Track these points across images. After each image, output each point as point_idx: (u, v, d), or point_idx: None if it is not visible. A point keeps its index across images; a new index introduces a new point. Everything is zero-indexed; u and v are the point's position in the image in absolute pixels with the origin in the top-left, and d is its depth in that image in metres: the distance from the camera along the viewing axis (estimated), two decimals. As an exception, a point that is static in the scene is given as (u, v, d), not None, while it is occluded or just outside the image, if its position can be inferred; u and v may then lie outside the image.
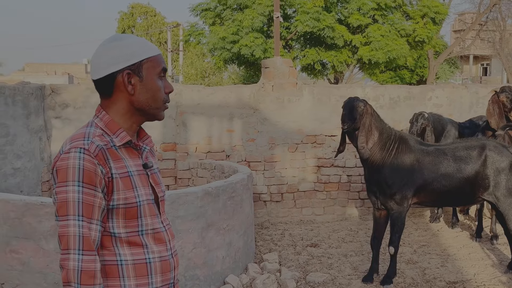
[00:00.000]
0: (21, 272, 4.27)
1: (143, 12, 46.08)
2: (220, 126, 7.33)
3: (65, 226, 1.64)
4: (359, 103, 4.87)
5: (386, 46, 16.64)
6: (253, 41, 15.97)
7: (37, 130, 6.66)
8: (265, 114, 7.35)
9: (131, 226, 1.77)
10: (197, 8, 18.57)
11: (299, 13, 16.61)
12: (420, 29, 17.98)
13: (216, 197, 4.88)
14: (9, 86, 6.21)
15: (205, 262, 4.81)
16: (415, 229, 7.04)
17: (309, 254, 6.03)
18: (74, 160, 1.66)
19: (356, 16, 17.10)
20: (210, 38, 17.43)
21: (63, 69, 48.75)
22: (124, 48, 1.77)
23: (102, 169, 1.70)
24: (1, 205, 4.23)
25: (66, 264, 1.62)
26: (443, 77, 30.58)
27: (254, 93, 7.36)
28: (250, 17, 16.12)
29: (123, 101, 1.80)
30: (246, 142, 7.37)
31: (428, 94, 7.87)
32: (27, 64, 51.09)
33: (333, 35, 16.40)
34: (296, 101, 7.42)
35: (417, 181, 4.94)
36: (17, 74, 41.33)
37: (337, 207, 7.66)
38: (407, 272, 5.43)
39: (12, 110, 6.13)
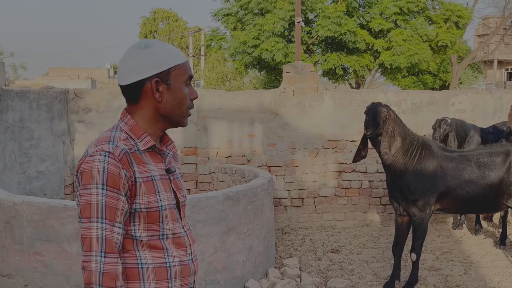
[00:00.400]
0: (44, 274, 4.33)
1: (165, 17, 46.49)
2: (241, 131, 7.35)
3: (88, 228, 1.66)
4: (382, 109, 4.83)
5: (408, 51, 16.51)
6: (274, 45, 15.98)
7: (60, 134, 6.74)
8: (286, 119, 7.35)
9: (153, 230, 1.78)
10: (219, 13, 18.66)
11: (321, 17, 16.59)
12: (443, 34, 17.81)
13: (237, 202, 4.89)
14: (34, 90, 6.31)
15: (226, 267, 4.82)
16: (437, 236, 6.96)
17: (330, 260, 6.00)
18: (99, 163, 1.68)
19: (378, 20, 17.01)
20: (231, 43, 17.49)
21: (86, 74, 49.33)
22: (153, 56, 1.78)
23: (126, 172, 1.71)
24: (26, 208, 4.29)
25: (88, 266, 1.64)
26: (467, 82, 30.20)
27: (275, 98, 7.36)
28: (271, 21, 16.14)
29: (150, 107, 1.82)
30: (266, 147, 7.37)
31: (451, 99, 7.79)
32: (51, 69, 51.82)
33: (355, 40, 16.34)
34: (317, 106, 7.40)
35: (440, 187, 4.89)
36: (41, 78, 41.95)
37: (358, 212, 7.61)
38: (429, 279, 5.36)
39: (36, 114, 6.22)
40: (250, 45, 16.45)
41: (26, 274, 4.38)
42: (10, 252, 4.44)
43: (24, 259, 4.38)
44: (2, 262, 4.50)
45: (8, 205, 4.39)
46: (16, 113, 5.83)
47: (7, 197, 4.45)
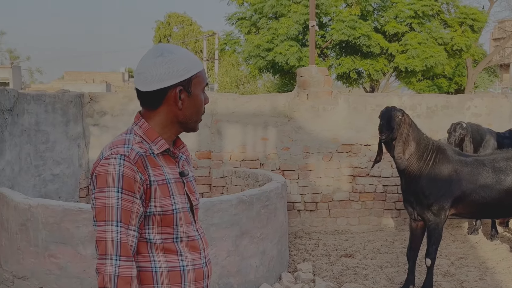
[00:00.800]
0: (58, 277, 4.36)
1: (180, 21, 46.69)
2: (254, 135, 7.35)
3: (103, 232, 1.66)
4: (396, 113, 4.81)
5: (423, 54, 16.40)
6: (288, 49, 15.96)
7: (75, 137, 6.79)
8: (299, 123, 7.33)
9: (167, 233, 1.79)
10: (233, 17, 18.69)
11: (335, 21, 16.54)
12: (458, 37, 17.66)
13: (250, 205, 4.89)
14: (49, 94, 6.37)
15: (239, 270, 4.81)
16: (452, 241, 6.90)
17: (344, 264, 5.97)
18: (114, 166, 1.69)
19: (392, 24, 16.93)
20: (245, 47, 17.50)
21: (101, 77, 49.70)
22: (177, 64, 1.79)
23: (141, 176, 1.72)
24: (41, 211, 4.33)
25: (103, 269, 1.64)
26: (482, 86, 29.92)
27: (289, 102, 7.35)
28: (285, 25, 16.13)
29: (169, 114, 1.83)
30: (280, 151, 7.36)
31: (467, 103, 7.73)
32: (66, 72, 52.30)
33: (369, 43, 16.27)
34: (331, 110, 7.38)
35: (455, 192, 4.84)
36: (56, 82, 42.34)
37: (373, 217, 7.57)
38: (444, 284, 5.31)
39: (52, 117, 6.27)
40: (264, 49, 16.45)
41: (41, 276, 4.41)
42: (26, 254, 4.47)
43: (39, 262, 4.41)
44: (18, 265, 4.54)
45: (24, 207, 4.43)
46: (32, 117, 5.88)
47: (23, 200, 4.50)
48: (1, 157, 5.20)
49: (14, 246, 4.57)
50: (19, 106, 5.58)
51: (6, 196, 4.66)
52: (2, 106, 5.19)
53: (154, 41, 46.68)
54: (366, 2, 16.76)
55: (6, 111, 5.28)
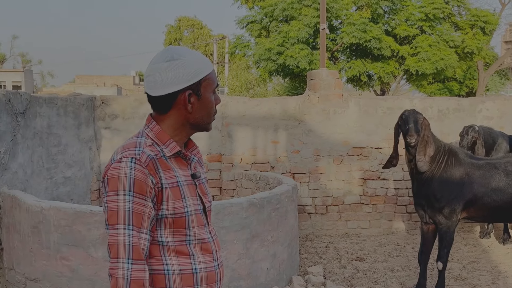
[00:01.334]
0: (70, 279, 4.37)
1: (190, 25, 46.85)
2: (265, 138, 7.35)
3: (115, 235, 1.66)
4: (419, 116, 4.79)
5: (433, 56, 16.35)
6: (298, 52, 15.97)
7: (87, 140, 6.83)
8: (310, 126, 7.33)
9: (179, 235, 1.78)
10: (243, 20, 18.74)
11: (345, 24, 16.54)
12: (469, 40, 17.60)
13: (261, 208, 4.88)
14: (61, 97, 6.40)
15: (250, 273, 4.81)
16: (464, 245, 6.85)
17: (355, 268, 5.94)
18: (126, 169, 1.69)
19: (403, 27, 16.89)
20: (256, 50, 17.53)
21: (112, 81, 50.01)
22: (186, 68, 1.78)
23: (153, 178, 1.72)
24: (53, 213, 4.35)
25: (115, 273, 1.64)
26: (494, 89, 29.73)
27: (299, 105, 7.35)
28: (296, 28, 16.14)
29: (179, 117, 1.83)
30: (291, 154, 7.35)
31: (478, 106, 7.68)
32: (78, 76, 52.66)
33: (380, 46, 16.24)
34: (342, 113, 7.37)
35: (466, 195, 4.81)
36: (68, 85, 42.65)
37: (384, 220, 7.54)
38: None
39: (64, 120, 6.31)
40: (275, 52, 16.47)
41: (53, 278, 4.43)
42: (38, 256, 4.50)
43: (51, 264, 4.43)
44: (30, 267, 4.57)
45: (36, 210, 4.46)
46: (44, 120, 5.92)
47: (35, 202, 4.52)
48: (14, 160, 5.24)
49: (26, 249, 4.60)
50: (31, 109, 5.62)
51: (19, 199, 4.69)
52: (15, 109, 5.24)
53: (165, 44, 46.87)
54: (377, 5, 16.73)
55: (19, 114, 5.32)
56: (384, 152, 7.41)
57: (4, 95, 5.07)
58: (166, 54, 1.82)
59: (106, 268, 4.33)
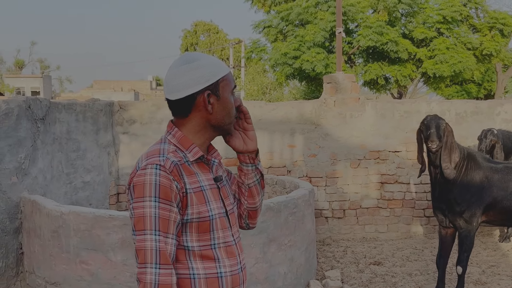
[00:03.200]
0: (89, 283, 4.42)
1: (206, 30, 47.09)
2: (281, 142, 7.36)
3: (142, 241, 1.68)
4: (442, 121, 4.76)
5: (451, 59, 16.22)
6: (314, 56, 15.96)
7: (105, 145, 6.90)
8: (327, 130, 7.32)
9: (204, 239, 1.81)
10: (260, 25, 18.78)
11: (362, 27, 16.49)
12: (487, 42, 17.43)
13: (278, 213, 4.89)
14: (80, 103, 6.48)
15: (267, 278, 4.81)
16: (483, 249, 6.79)
17: (372, 272, 5.92)
18: (151, 176, 1.71)
19: (421, 29, 16.79)
20: (272, 54, 17.56)
21: (129, 86, 50.37)
22: (202, 69, 1.82)
23: (177, 184, 1.74)
24: (73, 217, 4.41)
25: (143, 278, 1.66)
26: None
27: (316, 109, 7.35)
28: (312, 32, 16.14)
29: (200, 119, 1.85)
30: (307, 158, 7.35)
31: (497, 109, 7.61)
32: (95, 81, 53.15)
33: (397, 49, 16.16)
34: (359, 116, 7.35)
35: (486, 199, 4.78)
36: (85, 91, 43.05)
37: (401, 224, 7.50)
38: (475, 293, 5.23)
39: (82, 126, 6.39)
40: (291, 56, 16.48)
41: (73, 282, 4.48)
42: (58, 260, 4.56)
43: (71, 268, 4.49)
44: (50, 270, 4.63)
45: (56, 214, 4.52)
46: (63, 125, 6.00)
47: (55, 207, 4.58)
48: (34, 165, 5.32)
49: (47, 253, 4.66)
50: (51, 115, 5.70)
51: (39, 204, 4.76)
52: (35, 115, 5.32)
53: (181, 49, 47.17)
54: (394, 8, 16.66)
55: (39, 120, 5.40)
56: (401, 156, 7.38)
57: (24, 101, 5.15)
58: (182, 59, 1.86)
59: (125, 272, 4.37)
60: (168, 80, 1.84)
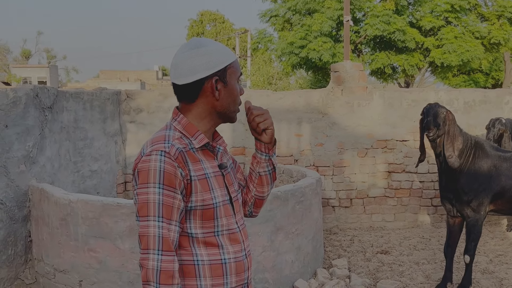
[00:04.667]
0: (98, 271, 4.44)
1: (212, 19, 47.00)
2: (288, 131, 7.35)
3: (145, 227, 1.69)
4: (441, 109, 4.72)
5: (459, 48, 16.11)
6: (321, 45, 15.89)
7: (113, 134, 6.91)
8: (334, 119, 7.30)
9: (208, 227, 1.81)
10: (266, 14, 18.71)
11: (369, 16, 16.39)
12: (495, 31, 17.30)
13: (285, 201, 4.89)
14: (87, 91, 6.48)
15: (274, 266, 4.82)
16: (491, 238, 6.77)
17: (380, 261, 5.92)
18: (155, 162, 1.71)
19: (428, 18, 16.67)
20: (279, 44, 17.50)
21: (135, 76, 50.33)
22: (211, 55, 1.81)
23: (182, 171, 1.74)
24: (81, 206, 4.42)
25: (146, 264, 1.67)
26: (521, 80, 29.20)
27: (323, 98, 7.32)
28: (319, 21, 16.06)
29: (207, 105, 1.85)
30: (314, 147, 7.34)
31: (505, 98, 7.56)
32: (102, 71, 53.12)
33: (404, 38, 16.06)
34: (366, 105, 7.32)
35: (494, 187, 4.75)
36: (92, 81, 43.06)
37: (409, 213, 7.48)
38: (482, 282, 5.22)
39: (90, 114, 6.39)
40: (297, 46, 16.41)
41: (81, 270, 4.51)
42: (66, 248, 4.58)
43: (79, 256, 4.51)
44: (59, 258, 4.65)
45: (64, 203, 4.54)
46: (71, 114, 6.00)
47: (63, 195, 4.60)
48: (42, 153, 5.33)
49: (55, 240, 4.68)
50: (58, 103, 5.70)
51: (47, 192, 4.77)
52: (42, 104, 5.32)
53: (187, 39, 47.07)
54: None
55: (46, 108, 5.40)
56: (409, 145, 7.35)
57: (32, 90, 5.15)
58: (190, 44, 1.85)
59: (133, 260, 4.39)
60: (176, 65, 1.83)
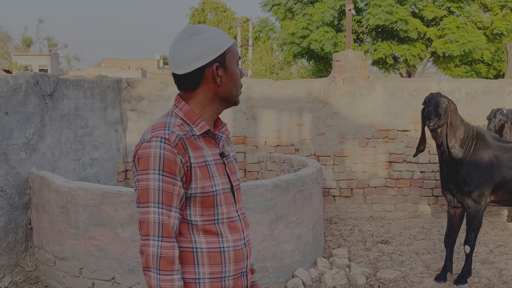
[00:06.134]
0: (98, 258, 4.45)
1: (214, 8, 46.79)
2: (289, 120, 7.33)
3: (146, 213, 1.69)
4: (443, 99, 4.69)
5: (461, 38, 16.02)
6: (323, 35, 15.82)
7: (113, 122, 6.90)
8: (335, 108, 7.28)
9: (208, 214, 1.80)
10: (268, 3, 18.62)
11: (371, 6, 16.30)
12: (498, 21, 17.20)
13: (286, 190, 4.88)
14: (88, 79, 6.46)
15: (274, 255, 4.83)
16: (491, 228, 6.77)
17: (380, 250, 5.92)
18: (155, 149, 1.70)
19: (431, 8, 16.58)
20: (280, 34, 17.43)
21: (136, 65, 50.21)
22: (209, 41, 1.79)
23: (182, 158, 1.73)
24: (81, 193, 4.42)
25: (146, 250, 1.67)
26: (523, 71, 29.11)
27: (324, 87, 7.30)
28: (320, 11, 15.98)
29: (208, 92, 1.83)
30: (315, 136, 7.32)
31: (508, 88, 7.53)
32: (103, 60, 53.00)
33: (406, 28, 15.98)
34: (368, 95, 7.29)
35: (495, 178, 4.74)
36: (93, 69, 42.95)
37: (409, 204, 7.48)
38: (482, 272, 5.23)
39: (90, 102, 6.38)
40: (299, 36, 16.34)
41: (81, 257, 4.51)
42: (66, 236, 4.58)
43: (80, 243, 4.51)
44: (59, 246, 4.66)
45: (64, 190, 4.53)
46: (71, 102, 5.99)
47: (64, 183, 4.60)
48: (42, 141, 5.32)
49: (55, 228, 4.68)
50: (59, 91, 5.69)
51: (48, 179, 4.77)
52: (43, 91, 5.30)
53: (189, 28, 46.85)
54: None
55: (47, 96, 5.39)
56: (410, 135, 7.33)
57: (32, 77, 5.13)
58: (186, 32, 1.83)
59: (133, 247, 4.39)
60: (174, 55, 1.82)
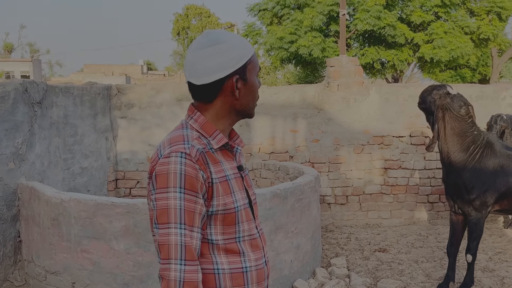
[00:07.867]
0: (91, 272, 4.27)
1: (198, 14, 46.74)
2: (283, 127, 7.21)
3: (166, 235, 1.55)
4: (436, 91, 4.64)
5: (449, 44, 16.08)
6: (311, 40, 15.77)
7: (103, 130, 6.71)
8: (329, 114, 7.17)
9: (229, 232, 1.68)
10: (255, 8, 18.54)
11: (359, 11, 16.30)
12: (485, 26, 17.30)
13: (285, 199, 4.75)
14: (77, 86, 6.28)
15: (273, 266, 4.69)
16: (489, 235, 6.70)
17: (378, 259, 5.81)
18: (175, 165, 1.57)
19: (418, 13, 16.62)
20: (268, 38, 17.35)
21: (120, 70, 49.88)
22: (231, 52, 1.67)
23: (203, 174, 1.60)
24: (74, 205, 4.25)
25: (167, 275, 1.53)
26: (508, 76, 29.34)
27: (318, 93, 7.19)
28: (310, 16, 15.93)
29: (225, 104, 1.72)
30: (310, 143, 7.21)
31: (502, 93, 7.48)
32: (86, 65, 52.57)
33: (394, 33, 15.99)
34: (363, 101, 7.20)
35: (500, 188, 4.62)
36: (76, 75, 42.57)
37: (405, 210, 7.39)
38: (484, 280, 5.14)
39: (80, 110, 6.19)
40: (287, 41, 16.27)
41: (73, 271, 4.33)
42: (58, 249, 4.40)
43: (72, 257, 4.33)
44: (50, 260, 4.47)
45: (56, 202, 4.36)
46: (61, 109, 5.80)
47: (55, 194, 4.42)
48: (31, 150, 5.13)
49: (46, 241, 4.50)
50: (48, 98, 5.50)
51: (38, 190, 4.59)
52: (32, 99, 5.12)
53: (173, 33, 46.79)
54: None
55: (36, 103, 5.20)
56: (405, 141, 7.25)
57: (21, 85, 4.95)
58: (207, 39, 1.69)
59: (128, 261, 4.22)
60: (192, 63, 1.67)
